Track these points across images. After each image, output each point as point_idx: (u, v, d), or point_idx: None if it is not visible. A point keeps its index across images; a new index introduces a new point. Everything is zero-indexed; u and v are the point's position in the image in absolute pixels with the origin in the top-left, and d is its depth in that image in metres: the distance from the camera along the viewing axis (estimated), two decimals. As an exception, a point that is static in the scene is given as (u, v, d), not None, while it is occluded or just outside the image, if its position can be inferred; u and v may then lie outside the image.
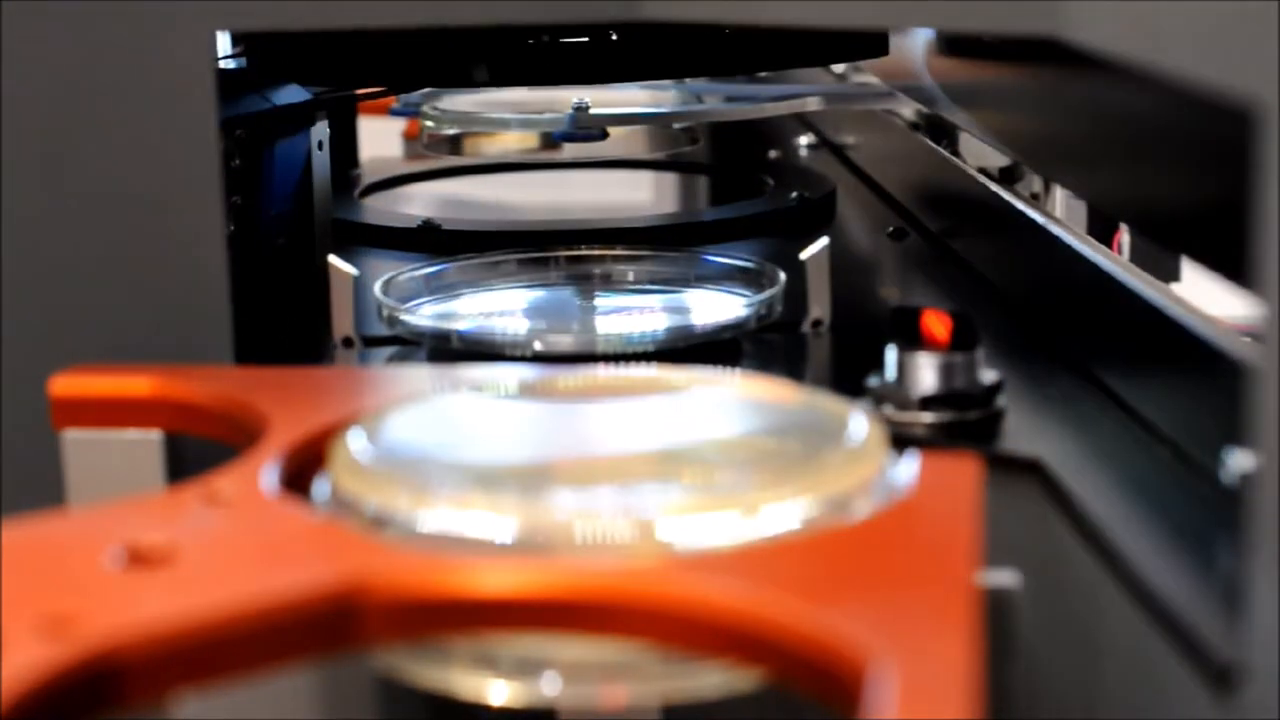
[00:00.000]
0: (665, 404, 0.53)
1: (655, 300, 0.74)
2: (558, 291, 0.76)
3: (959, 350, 0.58)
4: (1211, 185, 0.49)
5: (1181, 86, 0.44)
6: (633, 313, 0.72)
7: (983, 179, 0.80)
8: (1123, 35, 0.48)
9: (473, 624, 0.42)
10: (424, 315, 0.70)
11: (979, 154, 0.87)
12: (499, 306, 0.74)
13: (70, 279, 0.60)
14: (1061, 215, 0.85)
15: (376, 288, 0.71)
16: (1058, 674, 0.53)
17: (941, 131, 0.91)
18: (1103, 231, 0.93)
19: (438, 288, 0.74)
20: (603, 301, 0.74)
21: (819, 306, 0.70)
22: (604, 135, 0.89)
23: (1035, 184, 0.90)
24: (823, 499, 0.45)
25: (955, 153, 0.88)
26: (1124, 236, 0.99)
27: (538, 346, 0.66)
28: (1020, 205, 0.75)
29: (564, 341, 0.66)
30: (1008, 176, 0.87)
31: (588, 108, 0.88)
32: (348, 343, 0.69)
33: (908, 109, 0.94)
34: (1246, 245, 0.41)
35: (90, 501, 0.54)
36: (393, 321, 0.69)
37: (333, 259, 0.70)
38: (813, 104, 0.95)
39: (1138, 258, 0.88)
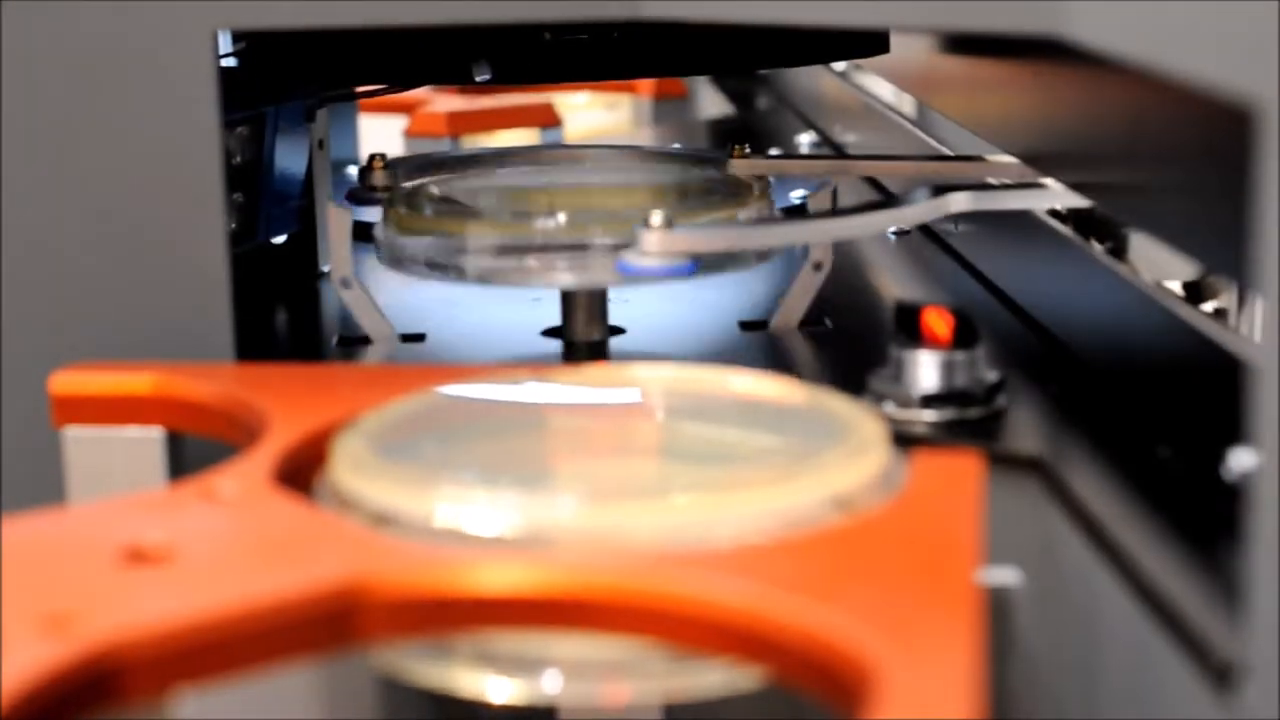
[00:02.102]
0: (667, 401, 0.53)
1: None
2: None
3: (960, 348, 0.58)
4: (1213, 184, 0.49)
5: (1182, 86, 0.44)
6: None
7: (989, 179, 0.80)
8: (1124, 34, 0.48)
9: (474, 621, 0.42)
10: (426, 245, 0.67)
11: (1151, 261, 0.72)
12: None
13: (71, 276, 0.60)
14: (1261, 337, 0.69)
15: (378, 227, 0.69)
16: (1058, 672, 0.53)
17: (1101, 231, 0.74)
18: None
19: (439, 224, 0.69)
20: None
21: (820, 249, 0.69)
22: (693, 269, 0.64)
23: (1226, 299, 0.73)
24: (824, 497, 0.45)
25: (1123, 259, 0.71)
26: None
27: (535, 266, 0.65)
28: (1023, 206, 0.75)
29: (565, 278, 0.66)
30: (1193, 291, 0.71)
31: (666, 219, 0.62)
32: (344, 283, 0.69)
33: (1060, 202, 0.70)
34: (1247, 244, 0.41)
35: (91, 499, 0.54)
36: (394, 259, 0.67)
37: (330, 202, 0.69)
38: (958, 204, 0.68)
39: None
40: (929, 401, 0.57)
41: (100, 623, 0.39)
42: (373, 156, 0.74)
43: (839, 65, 1.14)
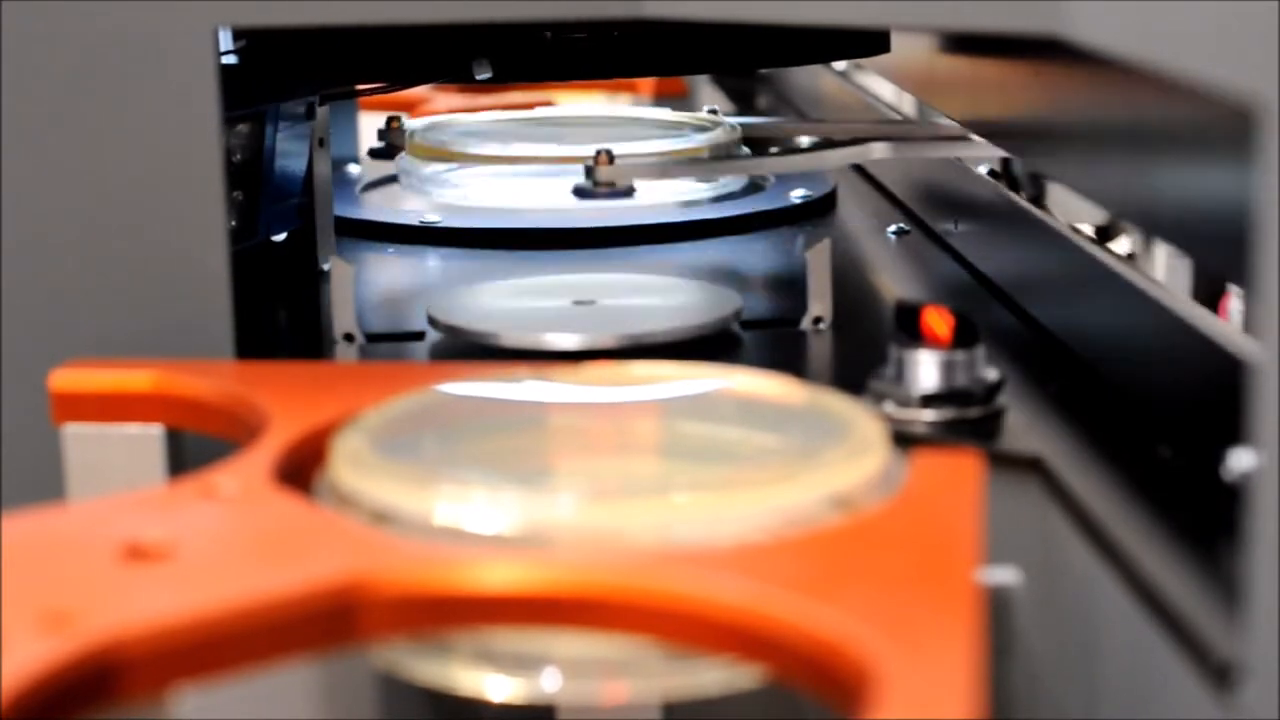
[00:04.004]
0: (667, 400, 0.53)
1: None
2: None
3: (960, 348, 0.58)
4: (1213, 182, 0.49)
5: (1183, 85, 0.44)
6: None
7: (989, 179, 0.80)
8: (1125, 34, 0.48)
9: (473, 619, 0.42)
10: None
11: (1067, 207, 0.82)
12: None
13: (72, 273, 0.60)
14: (1164, 278, 0.80)
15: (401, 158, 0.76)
16: (1058, 672, 0.53)
17: (1027, 181, 0.83)
18: (1209, 295, 0.88)
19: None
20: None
21: (820, 304, 0.70)
22: (632, 192, 0.79)
23: (1132, 243, 0.85)
24: (824, 496, 0.45)
25: (1041, 206, 0.77)
26: (1233, 301, 0.95)
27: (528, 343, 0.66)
28: (1023, 204, 0.75)
29: (568, 339, 0.66)
30: (1103, 235, 0.81)
31: (610, 155, 0.78)
32: (349, 338, 0.69)
33: (985, 154, 0.81)
34: (1247, 244, 0.41)
35: (90, 496, 0.54)
36: (413, 185, 0.74)
37: (334, 257, 0.70)
38: (878, 151, 0.81)
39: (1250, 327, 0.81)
40: (929, 401, 0.57)
41: (100, 620, 0.39)
42: (390, 119, 0.90)
43: (839, 65, 1.14)
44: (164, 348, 0.59)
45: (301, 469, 0.49)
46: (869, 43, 0.83)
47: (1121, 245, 0.85)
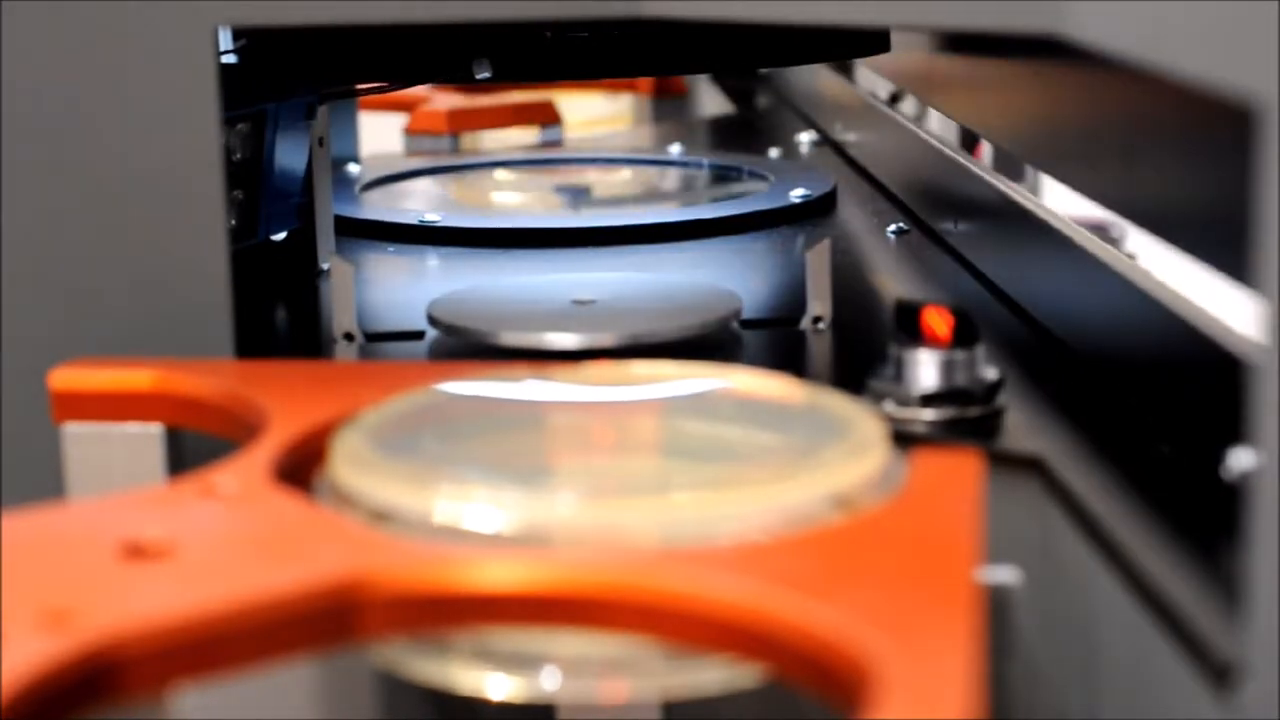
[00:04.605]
0: (667, 399, 0.53)
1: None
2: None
3: (960, 347, 0.58)
4: (1213, 182, 0.49)
5: (1183, 83, 0.44)
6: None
7: (991, 177, 0.80)
8: (1125, 32, 0.48)
9: (473, 618, 0.42)
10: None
11: (870, 81, 1.07)
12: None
13: (71, 272, 0.60)
14: (937, 132, 0.96)
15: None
16: (1058, 671, 0.53)
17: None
18: (969, 144, 1.13)
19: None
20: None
21: (820, 304, 0.70)
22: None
23: (914, 107, 1.12)
24: (824, 495, 0.45)
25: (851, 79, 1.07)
26: (984, 148, 1.19)
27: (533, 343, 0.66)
28: (1024, 202, 0.75)
29: (567, 339, 0.66)
30: (894, 99, 1.06)
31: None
32: (349, 337, 0.69)
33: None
34: (1247, 243, 0.41)
35: (90, 495, 0.54)
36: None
37: (333, 256, 0.70)
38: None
39: (999, 165, 1.08)
40: (929, 400, 0.57)
41: (99, 618, 0.39)
42: None
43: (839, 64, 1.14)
44: (164, 346, 0.59)
45: (301, 468, 0.48)
46: (869, 42, 0.83)
47: (905, 108, 1.07)
